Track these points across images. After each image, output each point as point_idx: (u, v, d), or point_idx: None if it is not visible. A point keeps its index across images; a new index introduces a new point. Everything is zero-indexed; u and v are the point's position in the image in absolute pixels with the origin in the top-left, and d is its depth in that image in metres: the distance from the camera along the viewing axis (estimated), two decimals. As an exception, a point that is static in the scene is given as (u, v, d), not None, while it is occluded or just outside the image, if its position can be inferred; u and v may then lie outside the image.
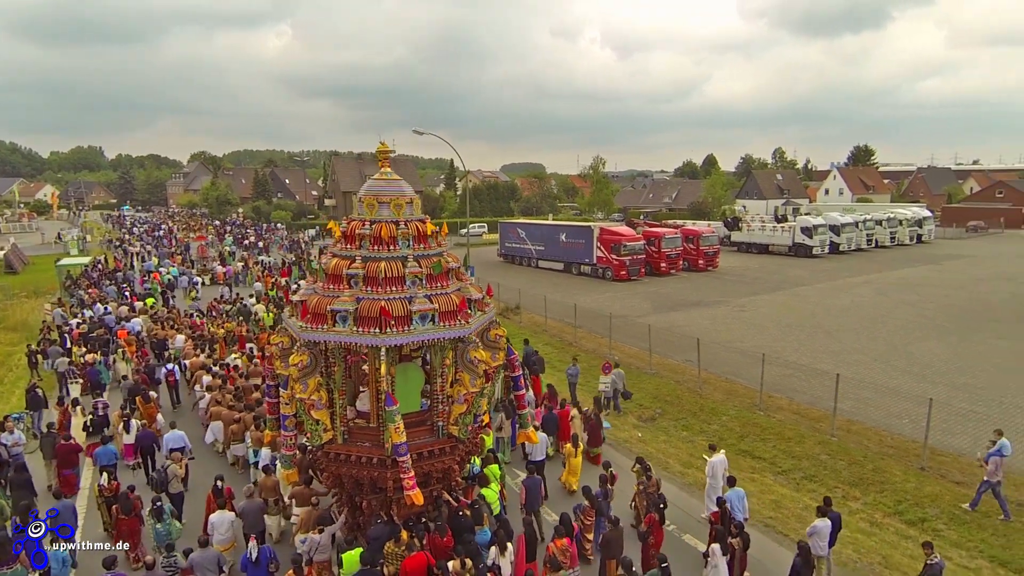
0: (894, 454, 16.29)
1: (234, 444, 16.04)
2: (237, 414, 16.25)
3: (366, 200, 11.83)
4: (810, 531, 11.18)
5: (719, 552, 10.52)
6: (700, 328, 28.02)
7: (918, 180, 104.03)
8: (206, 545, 10.75)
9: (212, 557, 10.58)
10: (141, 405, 17.80)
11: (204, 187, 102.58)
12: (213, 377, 19.64)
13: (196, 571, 10.37)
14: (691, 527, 13.22)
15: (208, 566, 10.43)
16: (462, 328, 10.77)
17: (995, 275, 41.71)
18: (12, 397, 21.04)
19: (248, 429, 15.51)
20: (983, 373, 22.23)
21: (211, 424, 16.69)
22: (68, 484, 14.48)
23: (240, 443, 15.80)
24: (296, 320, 11.02)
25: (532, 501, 12.50)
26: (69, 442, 14.96)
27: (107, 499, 12.62)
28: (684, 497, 14.54)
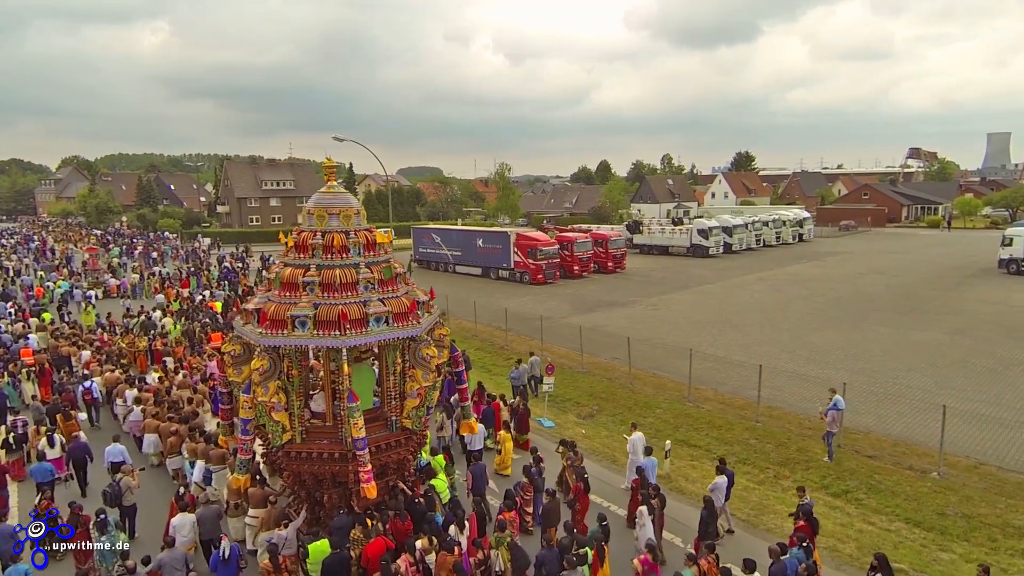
0: (812, 435, 17.93)
1: (171, 457, 15.95)
2: (174, 426, 16.21)
3: (316, 212, 12.38)
4: (711, 487, 13.00)
5: (646, 513, 11.91)
6: (619, 327, 29.38)
7: (793, 183, 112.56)
8: (172, 545, 11.07)
9: (179, 557, 10.88)
10: (62, 423, 17.27)
11: (80, 194, 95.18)
12: (140, 391, 19.30)
13: (164, 571, 10.59)
14: (616, 498, 14.73)
15: (176, 565, 10.70)
16: (414, 328, 11.68)
17: (871, 270, 46.09)
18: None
19: (183, 441, 15.53)
20: (873, 358, 24.73)
21: (146, 436, 16.61)
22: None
23: (177, 455, 15.76)
24: (253, 327, 11.45)
25: (479, 485, 13.68)
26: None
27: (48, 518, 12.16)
28: (611, 475, 15.97)
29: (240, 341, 12.35)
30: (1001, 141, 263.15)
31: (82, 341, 26.12)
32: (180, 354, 24.58)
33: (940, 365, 23.74)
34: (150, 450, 16.55)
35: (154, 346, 25.16)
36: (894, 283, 40.50)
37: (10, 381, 21.08)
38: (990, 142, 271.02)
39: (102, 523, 11.66)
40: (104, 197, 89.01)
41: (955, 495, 14.71)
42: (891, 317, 31.25)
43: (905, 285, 39.73)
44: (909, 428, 18.29)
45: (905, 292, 37.48)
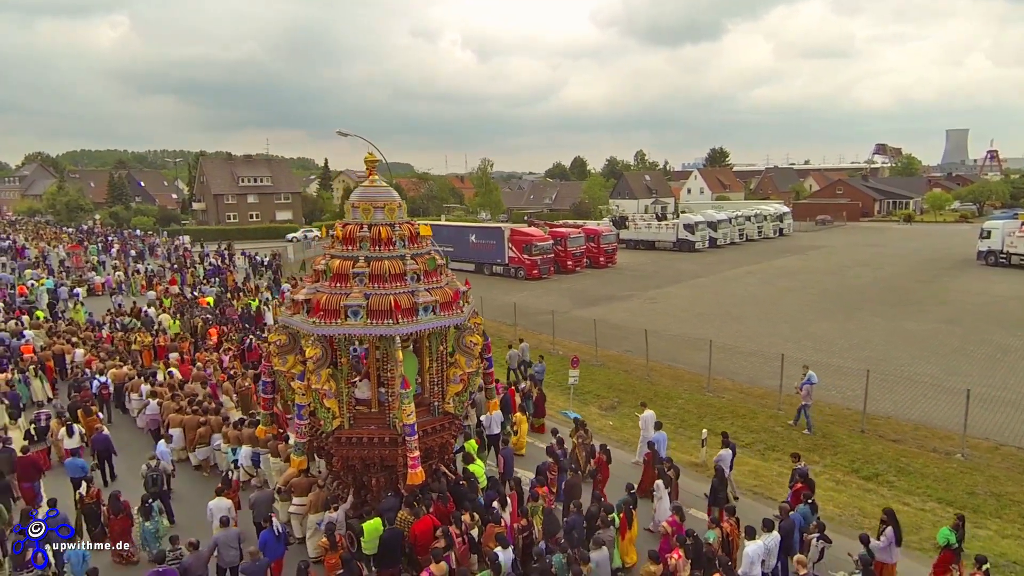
0: (835, 421, 18.52)
1: (200, 447, 16.23)
2: (203, 417, 16.50)
3: (361, 205, 12.79)
4: (717, 459, 14.05)
5: (663, 486, 12.82)
6: (622, 320, 29.80)
7: (767, 179, 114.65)
8: (227, 524, 11.49)
9: (233, 535, 11.31)
10: (83, 419, 17.38)
11: (49, 191, 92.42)
12: (153, 385, 19.46)
13: (220, 549, 11.05)
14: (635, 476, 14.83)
15: (231, 544, 11.17)
16: (458, 316, 12.30)
17: (854, 263, 47.31)
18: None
19: (215, 431, 16.00)
20: (876, 347, 25.50)
21: (172, 431, 16.57)
22: (28, 497, 14.34)
23: (205, 446, 16.13)
24: (304, 317, 11.90)
25: (509, 467, 14.26)
26: (28, 455, 14.87)
27: (88, 507, 12.87)
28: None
29: (286, 331, 12.73)
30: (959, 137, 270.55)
31: (77, 339, 25.74)
32: (186, 348, 24.52)
33: (941, 353, 24.59)
34: (178, 444, 16.59)
35: (157, 342, 25.13)
36: (879, 275, 41.66)
37: (21, 378, 20.88)
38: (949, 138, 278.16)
39: (147, 508, 12.27)
40: (74, 195, 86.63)
41: (981, 475, 15.34)
42: (883, 308, 32.19)
43: (890, 277, 40.89)
44: (926, 413, 18.95)
45: (891, 284, 38.60)
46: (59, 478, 15.29)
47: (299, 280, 39.24)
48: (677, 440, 17.79)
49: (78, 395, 18.91)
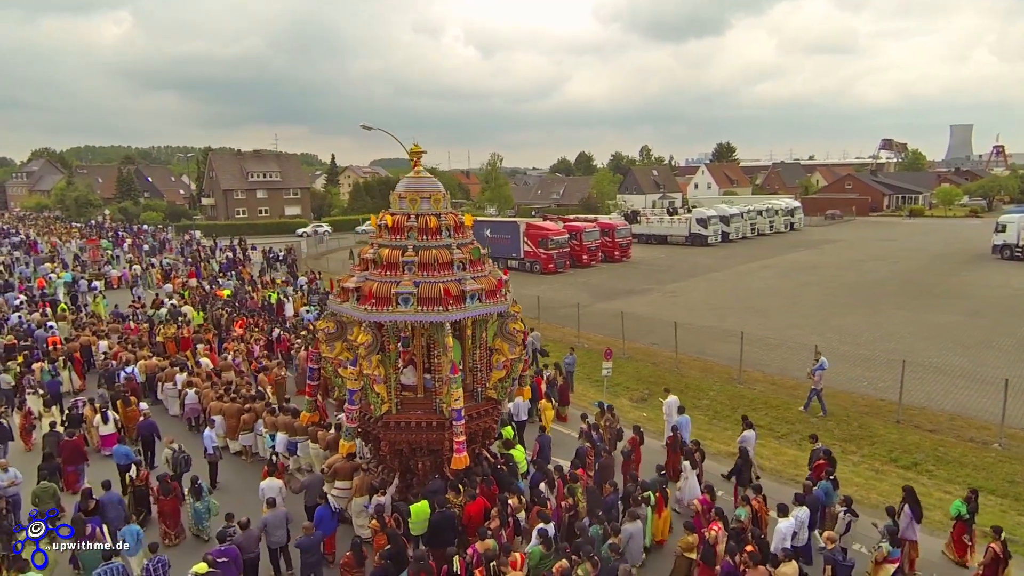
0: (869, 412, 18.61)
1: (243, 433, 16.44)
2: (245, 405, 16.80)
3: (407, 196, 13.08)
4: (741, 440, 14.51)
5: (689, 467, 13.35)
6: (645, 313, 29.82)
7: (774, 174, 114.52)
8: (274, 505, 11.93)
9: (281, 516, 11.71)
10: (122, 409, 17.72)
11: (58, 187, 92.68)
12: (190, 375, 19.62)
13: (268, 529, 11.42)
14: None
15: (278, 524, 11.56)
16: (503, 304, 12.71)
17: (869, 257, 47.34)
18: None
19: (259, 418, 16.28)
20: (902, 339, 25.56)
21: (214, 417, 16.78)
22: (71, 481, 14.74)
23: (248, 432, 16.45)
24: (354, 305, 12.18)
25: (546, 453, 14.62)
26: (72, 439, 15.13)
27: (137, 489, 13.36)
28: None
29: (334, 318, 13.15)
30: (963, 133, 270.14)
31: (103, 330, 25.95)
32: (211, 339, 24.80)
33: (967, 345, 24.65)
34: (219, 431, 16.76)
35: (182, 333, 25.28)
36: (896, 269, 41.70)
37: (50, 369, 21.05)
38: (953, 133, 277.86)
39: (197, 489, 12.71)
40: (83, 190, 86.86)
41: (1020, 464, 15.45)
42: (905, 301, 32.25)
43: (907, 271, 40.93)
44: (959, 403, 19.03)
45: (909, 278, 38.63)
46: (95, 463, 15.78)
47: (316, 274, 39.62)
48: (713, 431, 17.93)
49: (121, 385, 19.10)
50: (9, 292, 34.81)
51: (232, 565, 10.42)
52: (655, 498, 12.02)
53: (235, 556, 10.54)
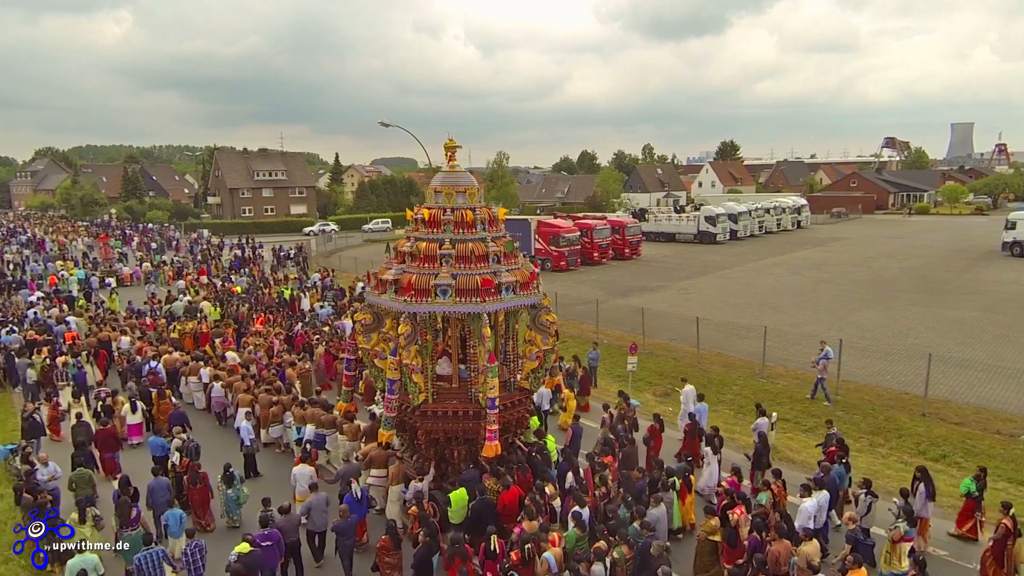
0: (894, 405, 18.72)
1: (274, 425, 16.70)
2: (274, 396, 16.97)
3: (443, 190, 13.33)
4: (754, 426, 15.03)
5: (711, 453, 13.76)
6: (660, 310, 29.92)
7: (778, 172, 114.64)
8: (316, 490, 12.21)
9: (323, 499, 11.95)
10: (156, 402, 17.97)
11: (63, 186, 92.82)
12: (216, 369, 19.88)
13: (313, 513, 11.70)
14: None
15: (321, 508, 11.82)
16: (536, 296, 13.05)
17: (878, 254, 47.47)
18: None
19: (287, 410, 16.49)
20: (920, 334, 25.67)
21: (240, 411, 17.00)
22: (110, 468, 15.14)
23: (278, 424, 16.62)
24: (392, 296, 12.47)
25: (576, 442, 14.99)
26: (107, 427, 15.66)
27: (178, 475, 13.56)
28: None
29: (371, 310, 13.60)
30: (964, 131, 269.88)
31: (123, 326, 26.14)
32: (230, 334, 25.01)
33: (985, 340, 24.78)
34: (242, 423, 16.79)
35: (200, 329, 25.68)
36: (907, 266, 41.83)
37: (74, 362, 21.30)
38: (954, 132, 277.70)
39: (229, 477, 12.91)
40: (89, 189, 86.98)
41: (1050, 456, 15.54)
42: (919, 297, 32.39)
43: (918, 268, 41.06)
44: (983, 396, 19.16)
45: (920, 274, 38.76)
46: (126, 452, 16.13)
47: (330, 272, 39.74)
48: (740, 425, 18.00)
49: (147, 379, 19.23)
50: (23, 289, 35.21)
51: (275, 548, 10.69)
52: (680, 484, 12.37)
53: (277, 539, 10.78)
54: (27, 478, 13.15)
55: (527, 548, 9.96)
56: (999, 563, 10.64)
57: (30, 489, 12.55)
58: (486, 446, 11.94)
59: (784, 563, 9.89)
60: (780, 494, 11.92)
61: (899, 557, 10.53)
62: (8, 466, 15.97)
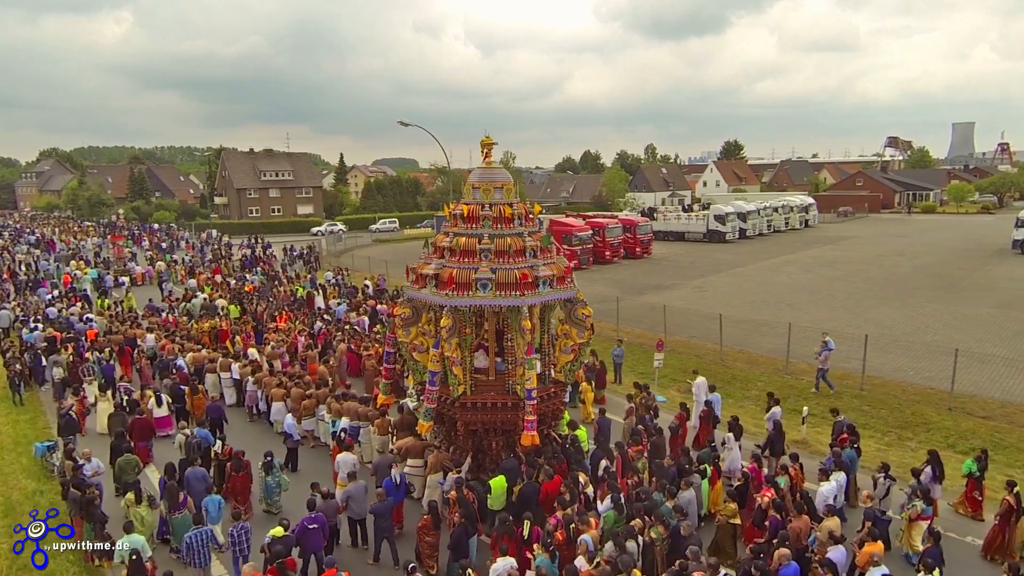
0: (920, 400, 18.87)
1: (306, 419, 16.80)
2: (307, 391, 17.22)
3: (481, 186, 13.57)
4: (768, 416, 15.48)
5: (733, 439, 14.23)
6: (676, 307, 29.99)
7: (782, 172, 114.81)
8: (356, 478, 12.44)
9: (362, 487, 12.23)
10: (190, 397, 18.25)
11: (69, 186, 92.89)
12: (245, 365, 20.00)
13: (352, 501, 11.97)
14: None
15: (359, 496, 12.08)
16: (572, 290, 13.36)
17: (889, 252, 47.62)
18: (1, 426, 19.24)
19: (320, 404, 16.76)
20: (939, 331, 25.83)
21: (274, 404, 17.40)
22: (143, 455, 15.40)
23: (311, 418, 16.78)
24: (432, 290, 12.80)
25: (605, 434, 15.08)
26: (143, 417, 16.23)
27: (221, 462, 13.91)
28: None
29: (410, 304, 13.92)
30: (965, 130, 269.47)
31: (150, 324, 26.31)
32: (250, 331, 25.19)
33: (1004, 336, 24.94)
34: (279, 417, 17.19)
35: (221, 326, 25.98)
36: (919, 264, 42.00)
37: (97, 359, 21.49)
38: (955, 131, 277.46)
39: (268, 464, 13.25)
40: (96, 190, 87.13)
41: (1078, 449, 15.68)
42: (934, 294, 32.55)
43: (930, 266, 41.21)
44: (1008, 391, 19.34)
45: (934, 272, 38.92)
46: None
47: (344, 270, 39.93)
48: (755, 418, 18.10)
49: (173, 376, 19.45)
50: (40, 288, 35.40)
51: (320, 532, 11.01)
52: (710, 470, 12.72)
53: (323, 523, 11.10)
54: (73, 473, 13.28)
55: (571, 527, 10.34)
56: (1003, 538, 11.23)
57: (77, 484, 12.67)
58: (524, 435, 12.34)
59: (804, 538, 10.43)
60: (797, 478, 12.39)
61: (915, 536, 11.10)
62: (44, 462, 16.19)
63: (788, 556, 9.45)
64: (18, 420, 19.62)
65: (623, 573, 9.02)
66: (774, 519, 10.68)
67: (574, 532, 10.31)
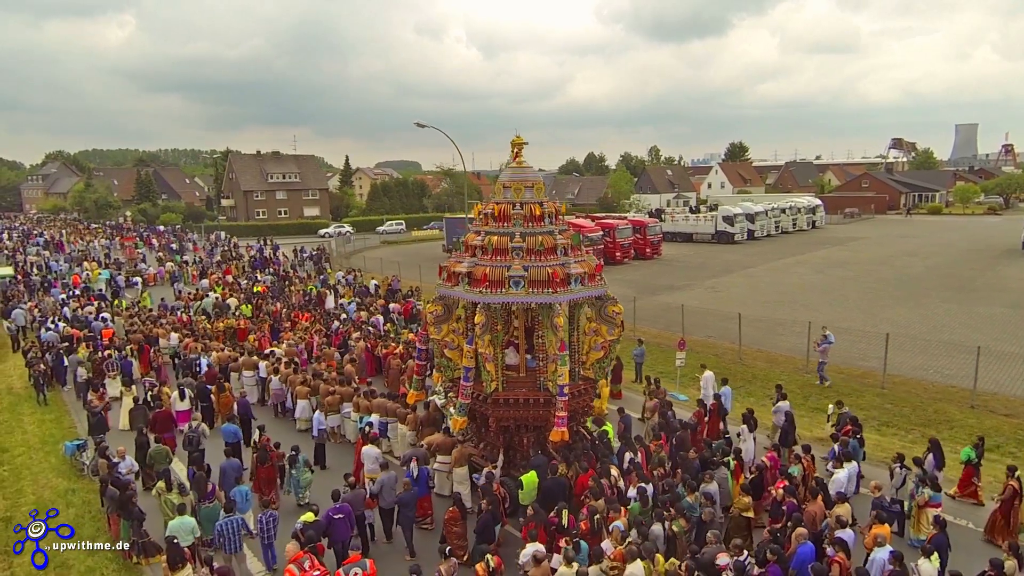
0: (941, 398, 18.94)
1: (330, 415, 16.78)
2: (332, 387, 17.30)
3: (513, 185, 13.67)
4: (775, 408, 15.80)
5: (748, 431, 14.44)
6: (692, 307, 30.10)
7: (787, 173, 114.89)
8: (387, 467, 12.73)
9: (393, 477, 12.39)
10: (216, 395, 18.41)
11: (76, 189, 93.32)
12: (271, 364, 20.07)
13: (384, 490, 12.14)
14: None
15: (391, 485, 12.25)
16: (602, 287, 13.46)
17: (899, 253, 47.68)
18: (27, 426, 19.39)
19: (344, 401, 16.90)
20: (955, 330, 25.88)
21: (299, 402, 17.52)
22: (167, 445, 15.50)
23: (335, 414, 16.86)
24: (465, 288, 12.96)
25: (630, 429, 15.28)
26: (163, 409, 16.79)
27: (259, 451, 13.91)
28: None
29: (441, 302, 14.02)
30: (968, 132, 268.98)
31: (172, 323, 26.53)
32: (266, 330, 25.48)
33: (1021, 335, 25.01)
34: (304, 415, 17.34)
35: (239, 325, 26.35)
36: (930, 264, 42.06)
37: (117, 356, 21.70)
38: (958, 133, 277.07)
39: (293, 458, 13.57)
40: (103, 192, 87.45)
41: (1103, 447, 15.75)
42: (948, 294, 32.62)
43: (941, 266, 41.28)
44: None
45: (945, 272, 38.98)
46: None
47: (357, 272, 40.10)
48: (795, 417, 18.17)
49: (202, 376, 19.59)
50: (52, 289, 35.69)
51: (346, 521, 11.24)
52: (734, 463, 12.95)
53: (349, 513, 11.33)
54: (109, 471, 13.39)
55: (596, 518, 10.61)
56: (1006, 522, 11.55)
57: (115, 482, 12.78)
58: (553, 431, 12.41)
59: (819, 522, 10.71)
60: (809, 468, 12.78)
61: (924, 523, 11.38)
62: (74, 461, 16.29)
63: (805, 535, 9.79)
64: (43, 420, 19.75)
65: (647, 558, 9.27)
66: (790, 503, 11.03)
67: (599, 522, 10.60)
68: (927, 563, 9.40)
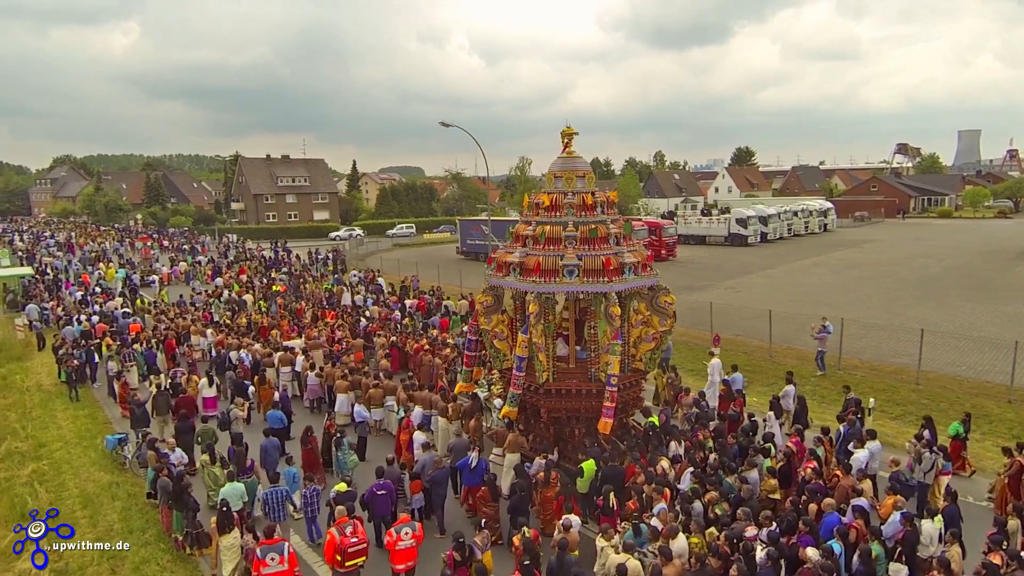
0: (978, 393, 18.93)
1: (374, 409, 17.08)
2: (374, 381, 17.48)
3: (564, 175, 13.76)
4: (783, 393, 16.38)
5: (774, 417, 14.88)
6: (716, 307, 30.04)
7: (794, 178, 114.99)
8: (429, 448, 13.16)
9: (431, 458, 12.75)
10: (258, 387, 18.74)
11: (86, 192, 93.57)
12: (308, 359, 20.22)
13: (424, 471, 12.45)
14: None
15: (430, 464, 12.56)
16: (654, 277, 13.57)
17: (915, 254, 47.70)
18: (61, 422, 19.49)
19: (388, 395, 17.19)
20: (982, 328, 25.82)
21: (339, 396, 17.59)
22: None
23: (379, 407, 17.10)
24: (517, 278, 12.99)
25: (670, 420, 15.37)
26: (186, 395, 17.37)
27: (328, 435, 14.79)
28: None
29: (492, 292, 14.01)
30: (971, 138, 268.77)
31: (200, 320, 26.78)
32: (285, 327, 25.62)
33: (1049, 333, 24.92)
34: (344, 410, 17.35)
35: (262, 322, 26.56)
36: (947, 265, 42.09)
37: (144, 351, 22.05)
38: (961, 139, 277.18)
39: (338, 440, 14.06)
40: (113, 195, 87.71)
41: None
42: (970, 293, 32.63)
43: (959, 267, 41.29)
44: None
45: (964, 273, 39.00)
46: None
47: (375, 272, 40.20)
48: (830, 412, 18.14)
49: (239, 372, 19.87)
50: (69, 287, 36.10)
51: (388, 497, 11.64)
52: (774, 448, 13.06)
53: (391, 489, 11.74)
54: (159, 462, 13.43)
55: (644, 496, 10.87)
56: (1015, 495, 11.91)
57: (168, 473, 12.80)
58: (601, 422, 12.41)
59: (849, 496, 10.93)
60: (829, 450, 13.15)
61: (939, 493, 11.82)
62: (115, 455, 16.33)
63: (833, 505, 10.23)
64: (77, 415, 19.82)
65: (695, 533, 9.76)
66: (818, 484, 11.26)
67: (646, 500, 10.88)
68: (929, 523, 10.01)
